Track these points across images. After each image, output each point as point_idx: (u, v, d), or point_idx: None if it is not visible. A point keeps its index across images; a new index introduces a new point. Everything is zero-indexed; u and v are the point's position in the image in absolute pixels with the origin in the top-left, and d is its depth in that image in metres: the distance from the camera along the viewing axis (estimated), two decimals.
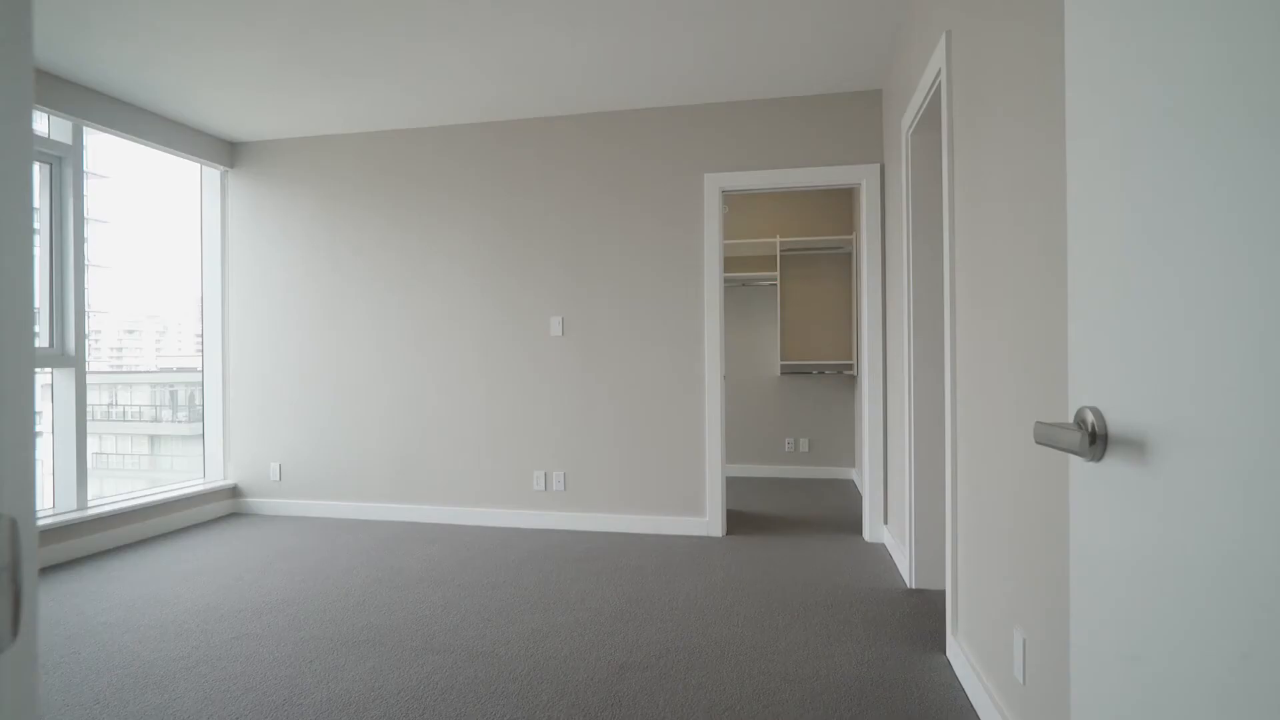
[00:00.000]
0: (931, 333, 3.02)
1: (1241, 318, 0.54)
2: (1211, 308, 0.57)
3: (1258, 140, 0.52)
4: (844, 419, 5.88)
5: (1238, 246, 0.55)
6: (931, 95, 2.61)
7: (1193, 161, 0.60)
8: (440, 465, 4.42)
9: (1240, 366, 0.54)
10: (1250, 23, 0.53)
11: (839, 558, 3.56)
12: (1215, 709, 0.57)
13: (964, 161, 2.19)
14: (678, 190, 4.12)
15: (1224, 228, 0.56)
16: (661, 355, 4.13)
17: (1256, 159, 0.53)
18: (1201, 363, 0.59)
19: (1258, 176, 0.52)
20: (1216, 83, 0.57)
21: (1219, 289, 0.57)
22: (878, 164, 3.88)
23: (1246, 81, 0.54)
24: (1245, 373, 0.54)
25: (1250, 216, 0.53)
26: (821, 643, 2.51)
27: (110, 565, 3.53)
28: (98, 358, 5.10)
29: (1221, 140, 0.57)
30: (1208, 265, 0.58)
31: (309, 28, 3.12)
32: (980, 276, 2.02)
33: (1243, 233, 0.54)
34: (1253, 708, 0.52)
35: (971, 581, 2.16)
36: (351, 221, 4.55)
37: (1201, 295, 0.59)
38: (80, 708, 2.07)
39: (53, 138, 3.78)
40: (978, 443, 2.06)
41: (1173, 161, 0.63)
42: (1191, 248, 0.60)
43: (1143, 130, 0.68)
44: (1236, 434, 0.55)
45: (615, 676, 2.25)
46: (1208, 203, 0.58)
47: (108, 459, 5.14)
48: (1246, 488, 0.53)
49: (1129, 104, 0.70)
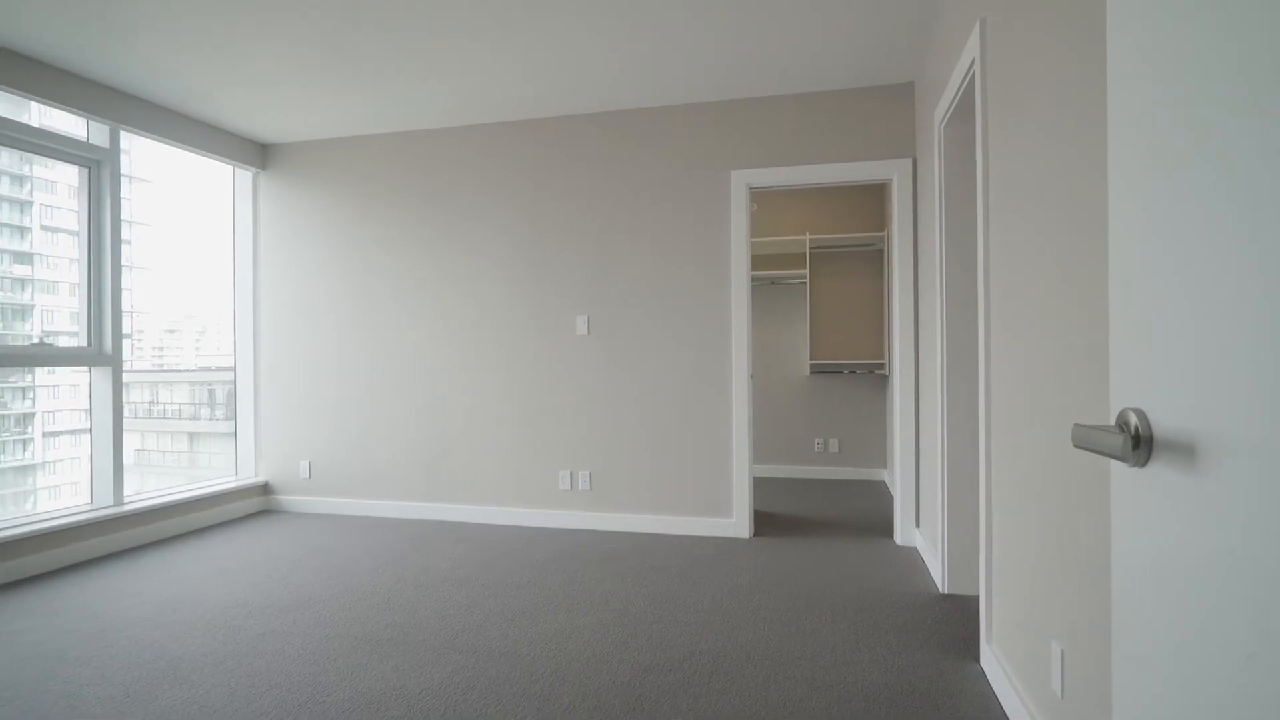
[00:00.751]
0: (965, 331, 2.94)
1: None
2: (1268, 302, 0.52)
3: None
4: (875, 419, 5.78)
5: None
6: (965, 87, 2.53)
7: (1243, 149, 0.55)
8: (467, 464, 4.43)
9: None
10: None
11: (869, 561, 3.48)
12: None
13: (999, 154, 2.11)
14: (704, 187, 4.07)
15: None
16: (688, 354, 4.09)
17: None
18: (1258, 361, 0.53)
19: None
20: (1275, 71, 0.52)
21: (1277, 282, 0.51)
22: (909, 158, 3.79)
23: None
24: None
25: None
26: (850, 648, 2.45)
27: (145, 560, 3.60)
28: (140, 357, 5.23)
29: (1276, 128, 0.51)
30: (1265, 257, 0.53)
31: (337, 29, 3.14)
32: (1016, 272, 1.94)
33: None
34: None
35: (1006, 588, 2.08)
36: (380, 222, 4.59)
37: (1257, 289, 0.53)
38: (110, 701, 2.10)
39: (91, 142, 3.86)
40: (1012, 445, 1.99)
41: (1223, 149, 0.58)
42: (1246, 239, 0.55)
43: (1192, 119, 0.62)
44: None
45: (638, 679, 2.22)
46: (1263, 192, 0.53)
47: (149, 455, 5.25)
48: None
49: (1176, 93, 0.65)
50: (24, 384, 3.99)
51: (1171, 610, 0.66)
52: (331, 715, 2.01)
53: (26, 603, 2.98)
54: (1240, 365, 0.56)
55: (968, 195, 2.93)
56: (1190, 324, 0.63)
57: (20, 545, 3.36)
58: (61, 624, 2.73)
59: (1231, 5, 0.57)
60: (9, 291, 3.80)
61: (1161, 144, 0.68)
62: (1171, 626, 0.66)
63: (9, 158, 3.80)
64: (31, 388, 3.94)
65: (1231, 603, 0.57)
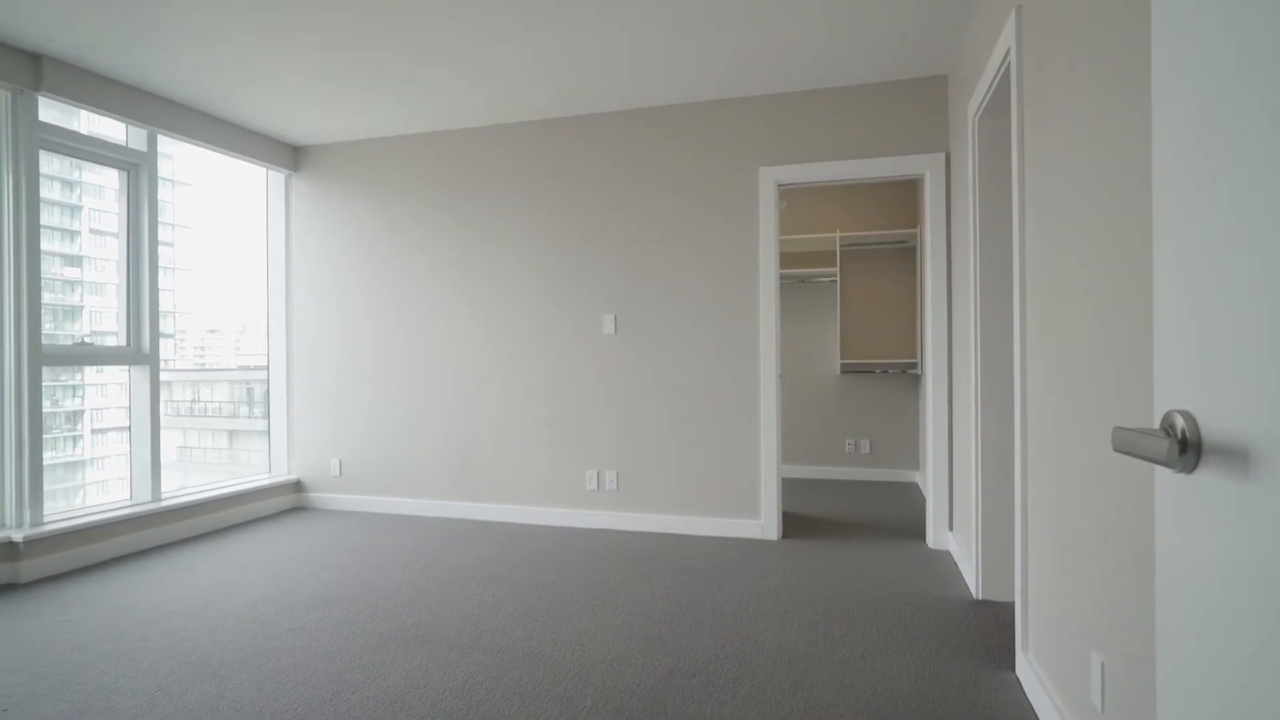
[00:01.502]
0: (999, 329, 2.85)
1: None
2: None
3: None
4: (907, 419, 5.67)
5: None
6: (1000, 77, 2.45)
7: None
8: (494, 463, 4.45)
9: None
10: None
11: (900, 564, 3.41)
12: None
13: (1035, 147, 2.04)
14: (731, 185, 4.03)
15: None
16: (715, 353, 4.05)
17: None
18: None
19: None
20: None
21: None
22: (943, 153, 3.70)
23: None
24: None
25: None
26: (880, 654, 2.39)
27: (181, 555, 3.67)
28: (183, 356, 5.39)
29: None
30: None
31: (363, 30, 3.16)
32: (1053, 268, 1.87)
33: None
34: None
35: (1043, 595, 2.01)
36: (409, 222, 4.62)
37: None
38: (144, 694, 2.14)
39: (130, 146, 3.95)
40: (1049, 446, 1.92)
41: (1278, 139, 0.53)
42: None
43: (1244, 110, 0.58)
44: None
45: (661, 683, 2.19)
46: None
47: (191, 452, 5.39)
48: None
49: (1229, 82, 0.60)
50: (74, 382, 4.10)
51: (1221, 624, 0.62)
52: (355, 713, 2.01)
53: (72, 594, 3.06)
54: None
55: (1003, 190, 2.84)
56: (1243, 320, 0.58)
57: (68, 538, 3.45)
58: (102, 616, 2.79)
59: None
60: (60, 293, 3.91)
61: (1212, 134, 0.63)
62: (1221, 641, 0.62)
63: (60, 164, 3.90)
64: (81, 386, 4.05)
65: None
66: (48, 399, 4.13)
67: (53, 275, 3.91)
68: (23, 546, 3.28)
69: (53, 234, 3.98)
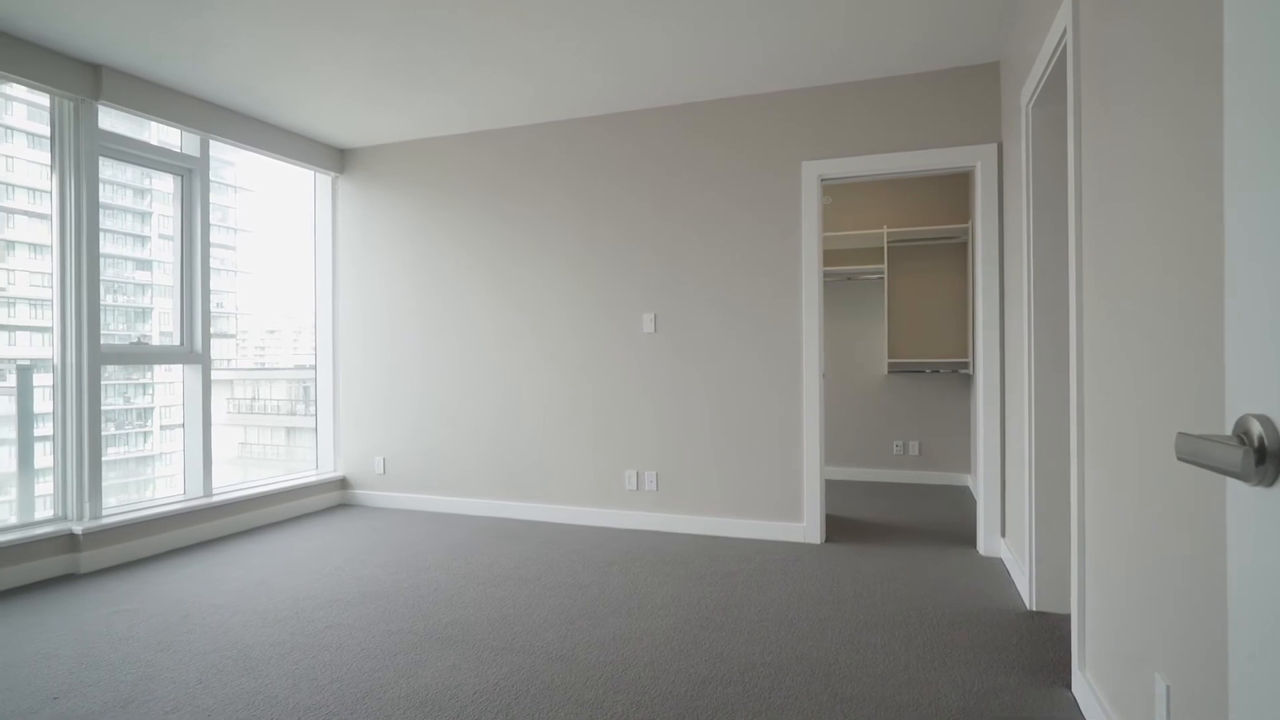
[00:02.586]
0: (1054, 326, 2.71)
1: None
2: None
3: None
4: (958, 421, 5.48)
5: None
6: (1055, 61, 2.32)
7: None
8: (535, 462, 4.45)
9: None
10: None
11: (949, 572, 3.27)
12: None
13: (1093, 134, 1.92)
14: (773, 180, 3.94)
15: None
16: (756, 352, 3.97)
17: None
18: None
19: None
20: None
21: None
22: (995, 144, 3.55)
23: None
24: None
25: None
26: (926, 667, 2.29)
27: (229, 549, 3.76)
28: (244, 355, 5.60)
29: None
30: None
31: (405, 31, 3.18)
32: (1112, 263, 1.75)
33: None
34: None
35: (1102, 610, 1.88)
36: (451, 222, 4.66)
37: None
38: (184, 686, 2.18)
39: (184, 151, 4.07)
40: (1108, 451, 1.80)
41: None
42: None
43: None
44: None
45: (695, 691, 2.13)
46: None
47: (252, 448, 5.56)
48: None
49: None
50: (144, 380, 4.26)
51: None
52: (385, 712, 2.01)
53: (126, 586, 3.16)
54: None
55: (1058, 181, 2.70)
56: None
57: (124, 531, 3.57)
58: (153, 608, 2.87)
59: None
60: (132, 296, 4.07)
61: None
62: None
63: (132, 172, 4.05)
64: (151, 384, 4.20)
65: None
66: (120, 396, 4.33)
67: (125, 279, 4.07)
68: (82, 538, 3.41)
69: (125, 239, 4.15)
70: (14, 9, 2.95)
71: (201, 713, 2.02)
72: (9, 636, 2.60)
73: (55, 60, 3.35)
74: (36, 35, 3.19)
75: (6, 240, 3.63)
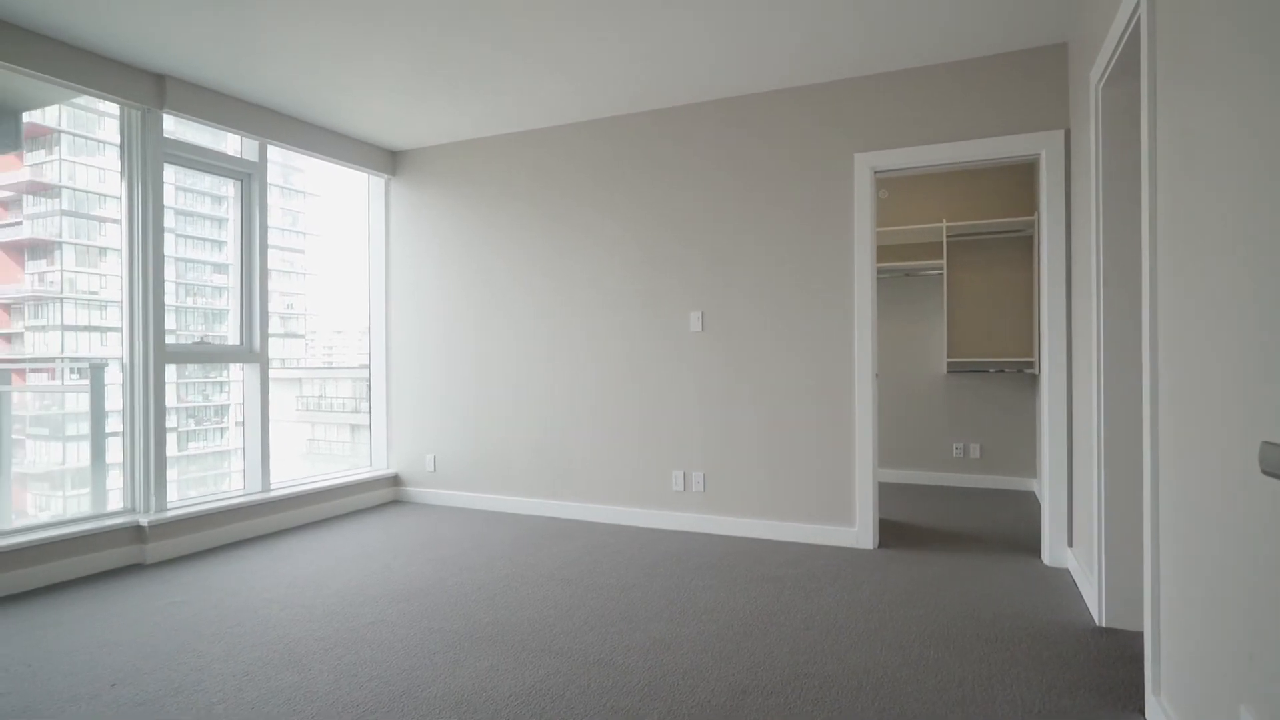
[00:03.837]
0: (1126, 323, 2.53)
1: None
2: None
3: None
4: (1023, 423, 5.22)
5: None
6: (1129, 34, 2.15)
7: None
8: (582, 461, 4.43)
9: None
10: None
11: (1010, 582, 3.10)
12: None
13: (1170, 114, 1.76)
14: (824, 173, 3.81)
15: None
16: (806, 350, 3.85)
17: None
18: None
19: None
20: None
21: None
22: (1061, 130, 3.35)
23: None
24: None
25: None
26: (982, 684, 2.16)
27: (284, 544, 3.86)
28: (313, 355, 5.82)
29: None
30: None
31: (453, 31, 3.19)
32: (1189, 256, 1.61)
33: None
34: None
35: (1179, 629, 1.73)
36: (499, 223, 4.68)
37: None
38: (231, 678, 2.23)
39: (243, 156, 4.20)
40: (1185, 458, 1.65)
41: None
42: None
43: None
44: None
45: (734, 701, 2.06)
46: None
47: (318, 445, 5.76)
48: None
49: None
50: (222, 379, 4.44)
51: None
52: (421, 712, 2.01)
53: (188, 576, 3.27)
54: None
55: (1130, 167, 2.52)
56: None
57: (187, 524, 3.70)
58: (208, 600, 2.96)
59: None
60: (209, 298, 4.24)
61: None
62: None
63: (210, 180, 4.23)
64: (227, 382, 4.37)
65: None
66: (199, 394, 4.53)
67: (203, 282, 4.25)
68: (148, 530, 3.55)
69: (204, 244, 4.32)
70: (86, 24, 3.08)
71: (245, 705, 2.06)
72: (76, 623, 2.71)
73: (124, 72, 3.49)
74: (107, 49, 3.33)
75: (99, 247, 3.82)
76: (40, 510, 3.71)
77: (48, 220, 3.82)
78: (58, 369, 3.79)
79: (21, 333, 3.76)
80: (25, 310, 3.79)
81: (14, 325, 3.77)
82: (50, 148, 3.81)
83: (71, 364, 3.74)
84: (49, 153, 3.80)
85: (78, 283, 3.82)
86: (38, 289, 3.80)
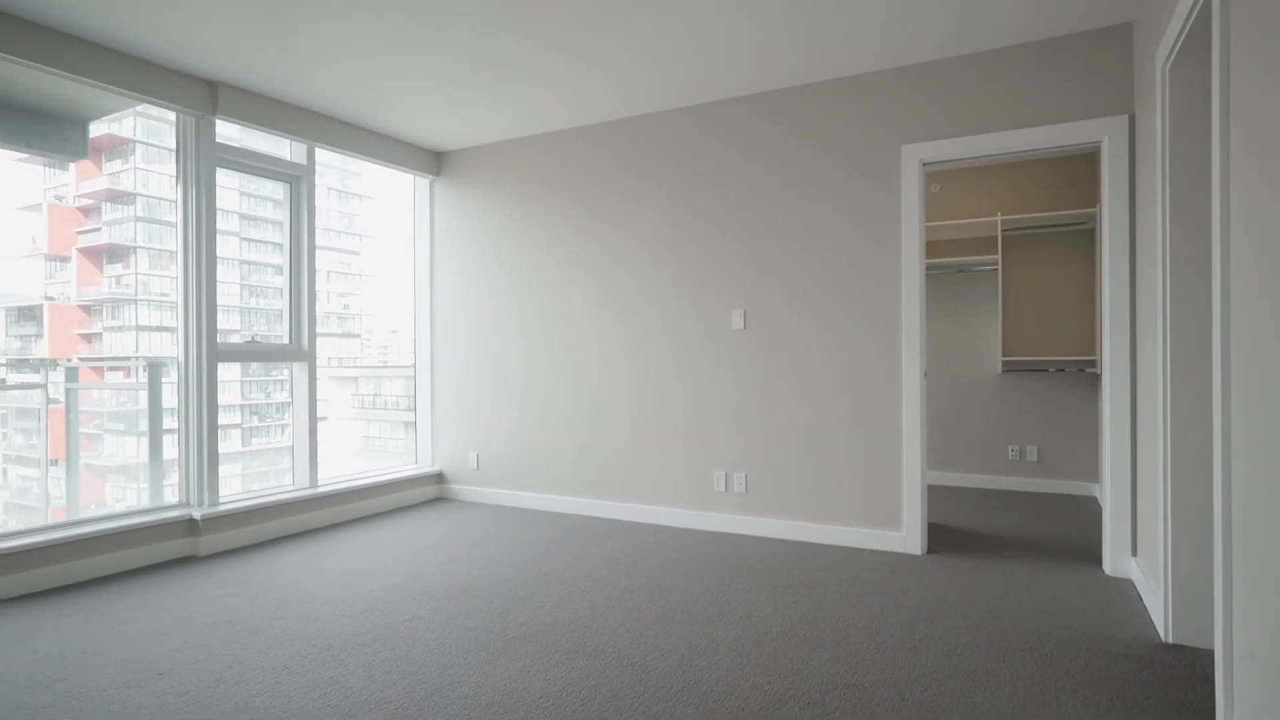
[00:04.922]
0: (1194, 320, 2.36)
1: None
2: None
3: None
4: (1083, 424, 4.98)
5: None
6: (1199, 7, 2.01)
7: None
8: (622, 460, 4.40)
9: None
10: None
11: (1068, 592, 2.95)
12: None
13: (1244, 94, 1.63)
14: (870, 166, 3.69)
15: None
16: (851, 348, 3.74)
17: None
18: None
19: None
20: None
21: None
22: (1125, 115, 3.16)
23: None
24: None
25: None
26: (1034, 700, 2.05)
27: (329, 539, 3.93)
28: (368, 354, 5.97)
29: None
30: None
31: (495, 28, 3.19)
32: (1269, 248, 1.48)
33: None
34: None
35: (1254, 647, 1.60)
36: (542, 221, 4.69)
37: None
38: (269, 671, 2.26)
39: (292, 159, 4.30)
40: (1261, 463, 1.52)
41: None
42: None
43: None
44: None
45: (769, 710, 2.00)
46: None
47: (373, 441, 5.91)
48: None
49: None
50: (283, 377, 4.57)
51: None
52: (452, 711, 2.00)
53: (236, 570, 3.36)
54: None
55: (1200, 154, 2.35)
56: None
57: (238, 518, 3.81)
58: (253, 592, 3.03)
59: None
60: (270, 299, 4.37)
61: None
62: None
63: (272, 186, 4.35)
64: (289, 380, 4.49)
65: None
66: (261, 391, 4.68)
67: (266, 283, 4.38)
68: (201, 524, 3.66)
69: (265, 247, 4.46)
70: (145, 34, 3.19)
71: (282, 698, 2.08)
72: (130, 612, 2.80)
73: (179, 80, 3.61)
74: (163, 58, 3.44)
75: (169, 251, 3.96)
76: (117, 501, 3.89)
77: (124, 226, 4.00)
78: (133, 367, 3.96)
79: (100, 333, 3.95)
80: (104, 311, 3.97)
81: (94, 326, 3.95)
82: (126, 156, 3.98)
83: (137, 363, 3.91)
84: (125, 161, 3.98)
85: (150, 285, 3.98)
86: (114, 291, 3.97)
